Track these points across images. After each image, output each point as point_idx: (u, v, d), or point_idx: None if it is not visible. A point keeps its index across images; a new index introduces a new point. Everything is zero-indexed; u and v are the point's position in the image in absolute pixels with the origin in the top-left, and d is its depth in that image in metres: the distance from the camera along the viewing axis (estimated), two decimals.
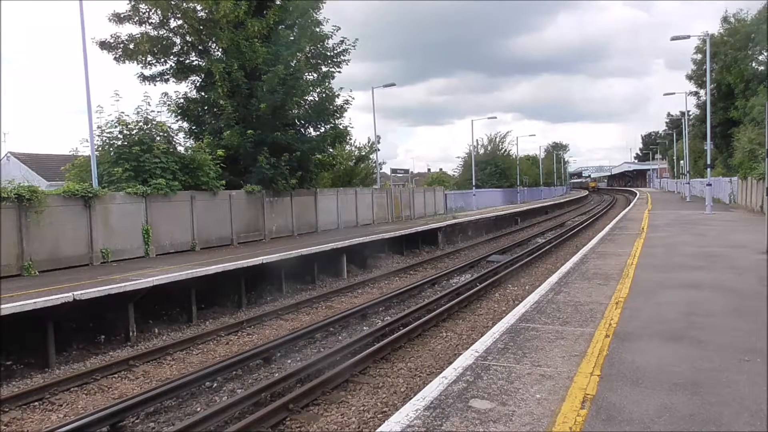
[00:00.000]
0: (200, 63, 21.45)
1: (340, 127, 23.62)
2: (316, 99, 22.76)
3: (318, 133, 23.16)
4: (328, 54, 23.11)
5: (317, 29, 22.46)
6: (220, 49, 20.69)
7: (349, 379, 8.26)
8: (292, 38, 21.59)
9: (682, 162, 56.02)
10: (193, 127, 21.59)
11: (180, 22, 20.44)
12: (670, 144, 72.05)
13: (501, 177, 59.46)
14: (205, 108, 21.47)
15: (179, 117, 21.06)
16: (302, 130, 22.92)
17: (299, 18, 22.02)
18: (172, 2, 19.88)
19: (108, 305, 10.66)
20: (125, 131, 16.81)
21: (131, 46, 19.83)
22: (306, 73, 21.93)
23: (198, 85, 21.87)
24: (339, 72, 23.37)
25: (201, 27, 20.23)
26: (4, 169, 28.61)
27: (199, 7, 20.10)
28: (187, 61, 21.62)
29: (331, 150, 25.21)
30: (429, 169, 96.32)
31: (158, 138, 17.39)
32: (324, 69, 23.18)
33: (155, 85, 21.25)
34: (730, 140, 33.80)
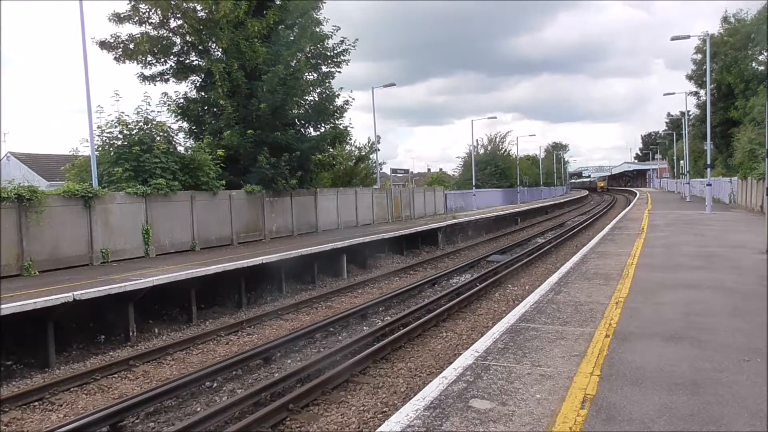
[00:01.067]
0: (200, 63, 21.45)
1: (340, 127, 23.67)
2: (316, 99, 22.80)
3: (318, 133, 23.19)
4: (328, 54, 23.14)
5: (317, 29, 22.48)
6: (220, 49, 20.69)
7: (349, 379, 8.26)
8: (292, 38, 21.61)
9: (682, 162, 56.04)
10: (193, 127, 21.59)
11: (180, 22, 20.45)
12: (670, 144, 72.08)
13: (501, 177, 59.43)
14: (205, 108, 21.47)
15: (179, 117, 21.06)
16: (302, 130, 22.96)
17: (299, 18, 22.04)
18: (172, 2, 19.88)
19: (108, 305, 10.66)
20: (125, 131, 16.82)
21: (131, 46, 19.84)
22: (306, 73, 21.94)
23: (198, 85, 21.88)
24: (339, 72, 23.47)
25: (201, 27, 20.23)
26: (4, 169, 28.62)
27: (199, 7, 20.10)
28: (187, 61, 21.62)
29: (331, 150, 25.24)
30: (429, 169, 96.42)
31: (158, 138, 17.38)
32: (324, 69, 23.23)
33: (155, 85, 21.31)
34: (730, 140, 33.84)
